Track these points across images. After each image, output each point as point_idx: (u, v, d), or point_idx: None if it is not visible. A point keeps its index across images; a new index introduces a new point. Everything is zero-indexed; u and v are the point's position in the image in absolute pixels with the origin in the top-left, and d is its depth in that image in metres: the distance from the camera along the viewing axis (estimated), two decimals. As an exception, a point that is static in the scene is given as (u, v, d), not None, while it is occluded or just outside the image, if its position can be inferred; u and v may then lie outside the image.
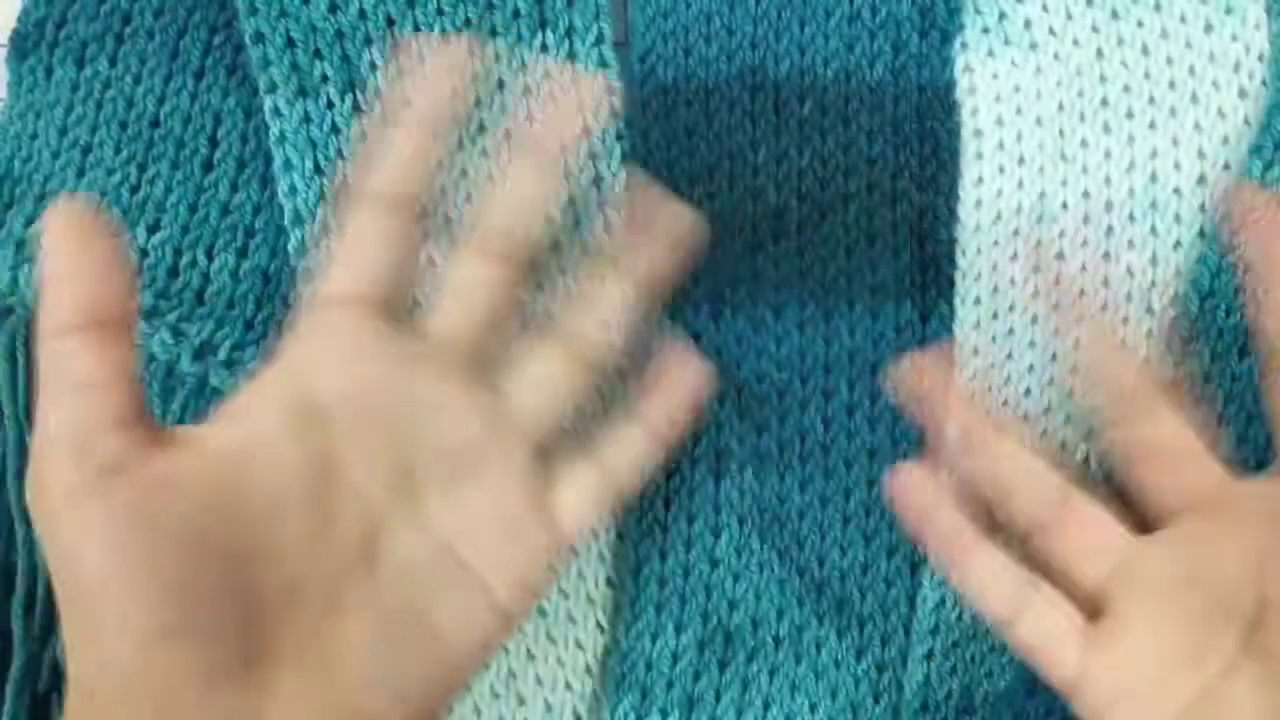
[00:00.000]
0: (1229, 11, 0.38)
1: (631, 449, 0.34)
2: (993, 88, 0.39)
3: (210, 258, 0.39)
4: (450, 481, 0.31)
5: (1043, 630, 0.32)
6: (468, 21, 0.38)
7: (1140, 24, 0.39)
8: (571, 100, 0.34)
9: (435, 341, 0.32)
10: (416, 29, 0.38)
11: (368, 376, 0.30)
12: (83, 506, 0.26)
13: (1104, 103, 0.38)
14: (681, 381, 0.36)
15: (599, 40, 0.38)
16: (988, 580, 0.33)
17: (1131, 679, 0.31)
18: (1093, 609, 0.32)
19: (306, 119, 0.38)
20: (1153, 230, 0.38)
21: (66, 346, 0.26)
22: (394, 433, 0.30)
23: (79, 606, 0.26)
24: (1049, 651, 0.32)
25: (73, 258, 0.27)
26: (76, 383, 0.26)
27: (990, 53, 0.39)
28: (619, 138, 0.38)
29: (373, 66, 0.38)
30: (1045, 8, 0.39)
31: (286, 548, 0.28)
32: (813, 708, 0.37)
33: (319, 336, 0.31)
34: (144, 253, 0.38)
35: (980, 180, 0.38)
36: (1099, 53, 0.39)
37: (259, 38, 0.38)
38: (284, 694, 0.27)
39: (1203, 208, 0.38)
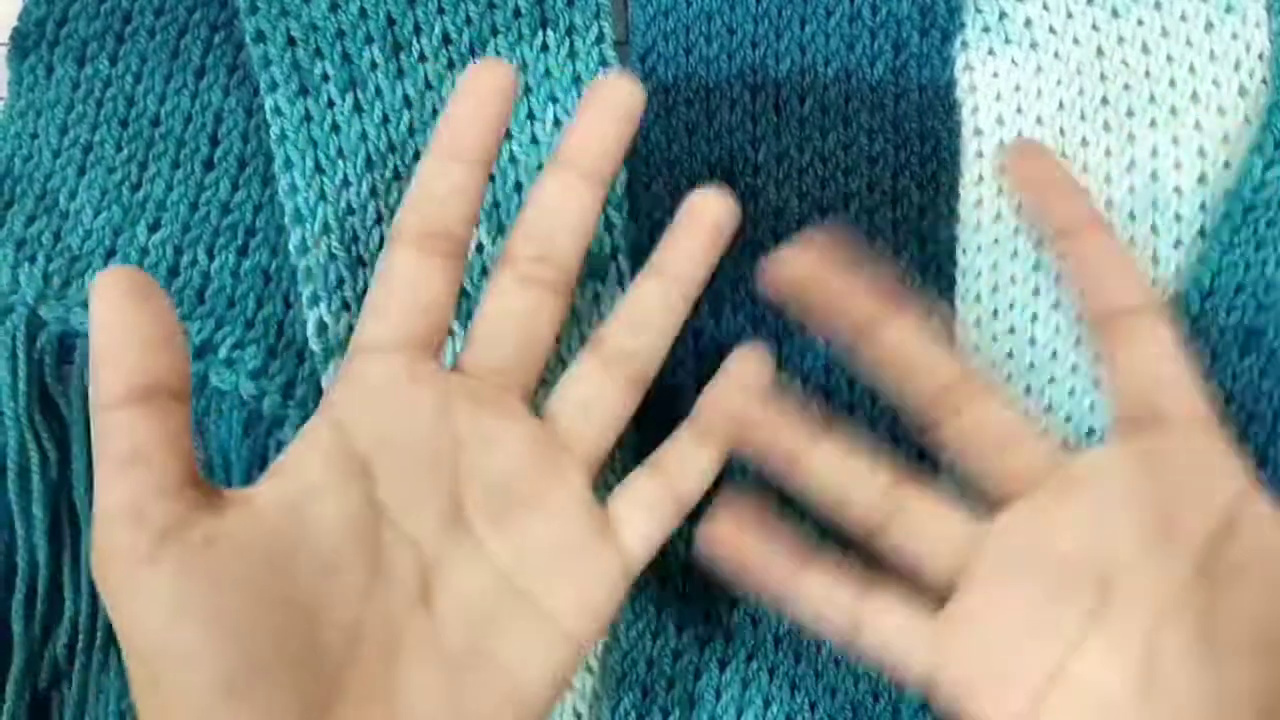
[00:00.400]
0: (1229, 10, 0.38)
1: (693, 459, 0.33)
2: (993, 86, 0.39)
3: (211, 256, 0.39)
4: (505, 514, 0.31)
5: (888, 633, 0.32)
6: (468, 20, 0.38)
7: (1140, 22, 0.39)
8: (606, 108, 0.32)
9: (475, 375, 0.32)
10: (417, 28, 0.38)
11: (408, 421, 0.30)
12: (141, 574, 0.26)
13: (1104, 101, 0.38)
14: (743, 381, 0.34)
15: (599, 39, 0.38)
16: (820, 599, 0.32)
17: (986, 661, 0.31)
18: (942, 601, 0.32)
19: (307, 118, 0.38)
20: (1153, 229, 0.38)
21: (119, 419, 0.26)
22: (440, 473, 0.30)
23: (144, 667, 0.26)
24: (899, 652, 0.32)
25: (124, 327, 0.27)
26: (130, 454, 0.26)
27: (991, 51, 0.39)
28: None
29: (373, 65, 0.38)
30: (1046, 6, 0.39)
31: (342, 597, 0.28)
32: (813, 706, 0.37)
33: (357, 386, 0.31)
34: (144, 251, 0.38)
35: (980, 179, 0.38)
36: (1099, 51, 0.39)
37: (260, 36, 0.38)
38: None
39: (1203, 207, 0.38)
